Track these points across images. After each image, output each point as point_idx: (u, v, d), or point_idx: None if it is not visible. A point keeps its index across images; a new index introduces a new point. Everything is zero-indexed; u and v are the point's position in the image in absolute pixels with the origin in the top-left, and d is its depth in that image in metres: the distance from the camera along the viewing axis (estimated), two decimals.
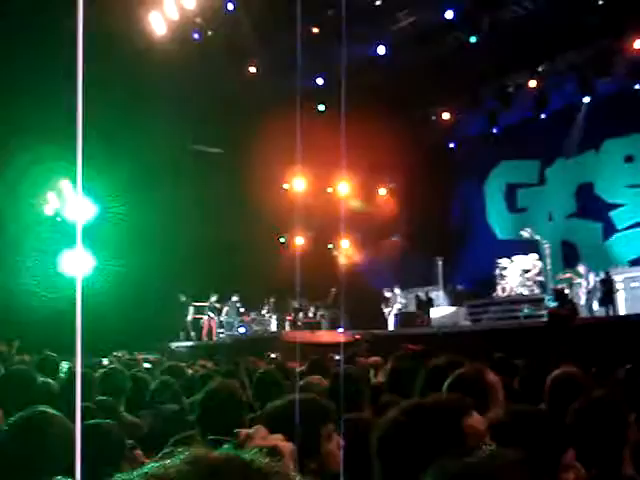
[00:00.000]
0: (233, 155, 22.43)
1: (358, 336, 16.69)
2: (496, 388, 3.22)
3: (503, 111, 20.84)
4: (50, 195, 20.37)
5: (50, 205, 20.42)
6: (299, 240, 21.47)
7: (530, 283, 19.10)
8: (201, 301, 22.51)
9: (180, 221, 21.07)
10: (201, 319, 22.66)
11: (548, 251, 19.11)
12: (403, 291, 22.08)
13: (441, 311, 20.05)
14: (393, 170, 23.04)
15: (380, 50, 19.47)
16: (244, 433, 1.92)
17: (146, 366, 10.40)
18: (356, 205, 23.32)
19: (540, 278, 19.02)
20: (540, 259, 19.11)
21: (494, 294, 19.73)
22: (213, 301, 22.35)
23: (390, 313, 21.42)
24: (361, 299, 20.90)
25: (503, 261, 19.76)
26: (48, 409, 2.74)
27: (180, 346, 21.28)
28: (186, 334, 22.52)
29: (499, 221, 22.89)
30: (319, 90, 19.99)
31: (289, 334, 19.48)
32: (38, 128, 16.90)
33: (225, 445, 2.12)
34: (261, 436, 1.91)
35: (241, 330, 22.25)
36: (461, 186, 23.50)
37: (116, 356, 12.53)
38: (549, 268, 19.02)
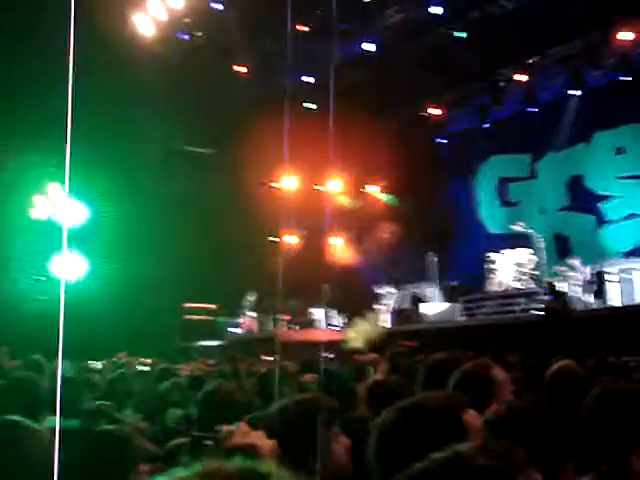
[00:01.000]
0: (223, 155, 22.41)
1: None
2: (503, 383, 3.21)
3: (493, 106, 20.85)
4: (40, 198, 20.31)
5: (41, 209, 20.36)
6: (290, 239, 21.44)
7: (524, 277, 19.12)
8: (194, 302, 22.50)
9: (172, 222, 21.03)
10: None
11: (541, 245, 19.11)
12: (397, 288, 22.08)
13: (435, 307, 20.04)
14: (383, 167, 23.01)
15: (369, 47, 19.46)
16: (226, 430, 1.90)
17: (145, 369, 10.35)
18: (347, 203, 23.32)
19: (534, 272, 19.03)
20: (533, 253, 19.13)
21: (488, 289, 19.75)
22: (252, 300, 22.31)
23: (384, 311, 21.41)
24: (355, 297, 20.92)
25: (495, 256, 19.78)
26: (22, 419, 2.63)
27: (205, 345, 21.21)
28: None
29: (491, 216, 22.89)
30: (308, 88, 19.98)
31: (284, 334, 19.47)
32: (28, 131, 16.85)
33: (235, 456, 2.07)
34: (242, 433, 1.89)
35: (234, 330, 22.22)
36: (452, 181, 23.51)
37: (112, 360, 12.45)
38: (542, 262, 19.04)
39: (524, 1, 17.76)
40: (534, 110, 20.28)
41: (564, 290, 16.23)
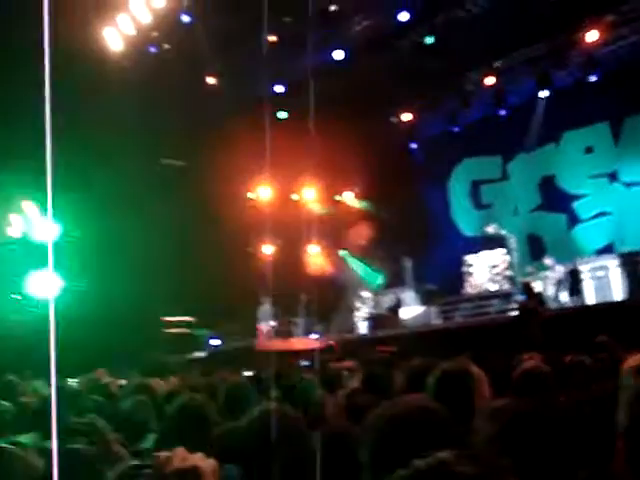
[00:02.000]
0: (197, 167, 22.34)
1: (332, 342, 16.69)
2: (481, 382, 3.26)
3: (463, 109, 21.02)
4: (14, 217, 20.16)
5: (15, 227, 20.21)
6: (267, 249, 21.43)
7: (499, 278, 19.27)
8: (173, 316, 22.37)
9: (148, 236, 20.92)
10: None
11: (514, 245, 19.27)
12: (372, 294, 22.17)
13: (412, 311, 20.12)
14: (357, 174, 23.09)
15: (338, 55, 19.52)
16: (164, 456, 1.89)
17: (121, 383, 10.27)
18: (321, 210, 23.36)
19: (508, 273, 19.18)
20: (507, 254, 19.27)
21: (463, 291, 19.87)
22: (268, 309, 22.14)
23: (360, 317, 21.48)
24: (332, 304, 20.95)
25: (470, 258, 19.90)
26: (7, 446, 2.65)
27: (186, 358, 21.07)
28: None
29: (464, 218, 23.02)
30: (279, 98, 20.01)
31: (262, 344, 19.44)
32: (1, 150, 16.75)
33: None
34: (181, 457, 1.89)
35: (215, 342, 22.13)
36: (425, 186, 23.60)
37: (89, 377, 12.33)
38: (516, 262, 19.19)
39: (490, 5, 17.90)
40: (503, 112, 20.48)
41: (538, 290, 16.37)
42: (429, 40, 18.60)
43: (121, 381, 11.16)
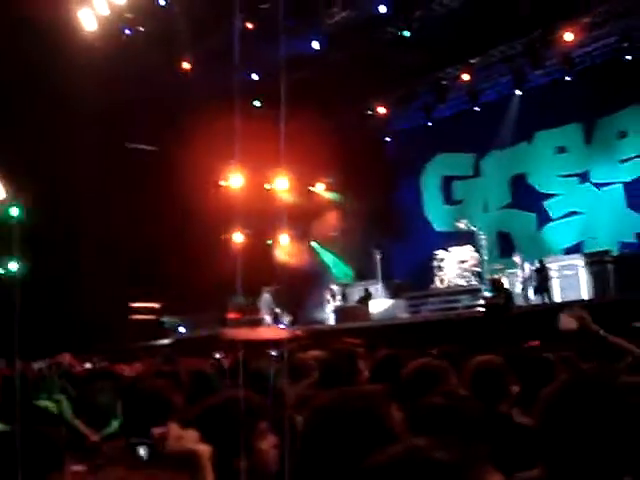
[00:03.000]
0: (168, 153, 22.14)
1: (299, 332, 16.65)
2: (448, 374, 3.31)
3: (438, 104, 21.05)
4: None
5: None
6: (238, 237, 21.31)
7: (467, 274, 19.35)
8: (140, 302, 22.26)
9: (117, 221, 20.74)
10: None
11: (484, 242, 19.36)
12: (342, 286, 22.17)
13: (380, 304, 20.14)
14: (330, 165, 23.03)
15: (314, 45, 19.42)
16: (158, 433, 1.85)
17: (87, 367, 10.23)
18: (293, 201, 23.27)
19: (477, 269, 19.27)
20: (476, 250, 19.35)
21: (432, 286, 19.93)
22: (268, 297, 22.00)
23: (329, 308, 21.47)
24: (301, 295, 20.91)
25: (440, 253, 19.96)
26: None
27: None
28: None
29: (436, 213, 23.09)
30: (254, 86, 19.86)
31: (229, 332, 19.35)
32: None
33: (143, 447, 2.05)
34: (175, 436, 1.85)
35: (181, 329, 22.04)
36: (398, 179, 23.64)
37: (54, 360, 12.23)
38: (485, 259, 19.29)
39: (468, 1, 17.89)
40: (477, 109, 20.55)
41: (506, 286, 16.46)
42: (406, 34, 18.55)
43: (86, 365, 11.10)
